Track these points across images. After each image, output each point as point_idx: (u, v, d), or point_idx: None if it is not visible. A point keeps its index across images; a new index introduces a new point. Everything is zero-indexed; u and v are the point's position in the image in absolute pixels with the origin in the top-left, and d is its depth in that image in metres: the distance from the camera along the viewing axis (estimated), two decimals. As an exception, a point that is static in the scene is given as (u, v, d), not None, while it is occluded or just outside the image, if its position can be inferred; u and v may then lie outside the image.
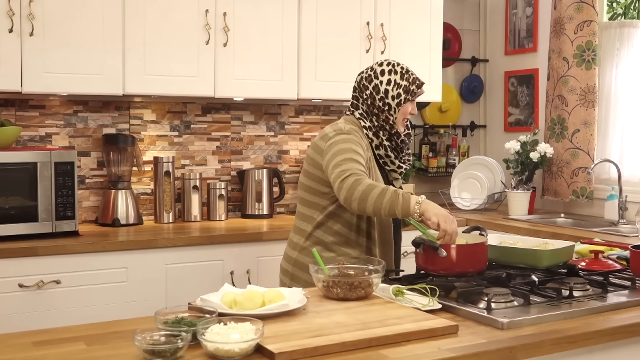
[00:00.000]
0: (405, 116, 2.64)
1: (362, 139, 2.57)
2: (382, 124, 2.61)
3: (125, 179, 3.73)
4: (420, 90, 2.65)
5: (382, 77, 2.62)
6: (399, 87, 2.61)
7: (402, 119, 2.63)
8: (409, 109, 2.64)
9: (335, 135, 2.53)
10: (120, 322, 1.90)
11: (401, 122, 2.63)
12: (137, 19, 3.46)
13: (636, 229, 3.46)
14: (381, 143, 2.62)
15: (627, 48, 4.10)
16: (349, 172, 2.38)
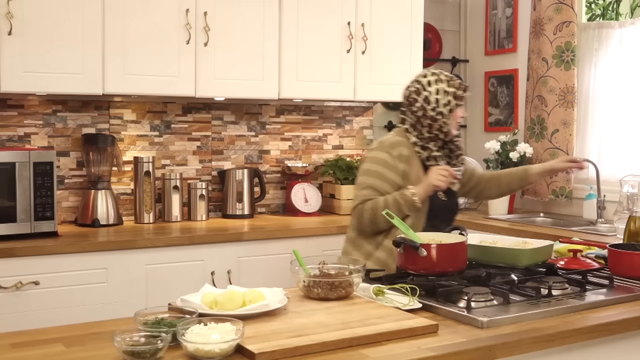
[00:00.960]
0: (457, 120, 2.79)
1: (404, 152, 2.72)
2: (436, 133, 2.75)
3: (105, 179, 3.71)
4: (466, 94, 2.81)
5: (429, 88, 2.76)
6: (447, 94, 2.76)
7: (455, 124, 2.78)
8: (460, 113, 2.80)
9: (374, 150, 2.78)
10: (100, 323, 1.89)
11: (454, 126, 2.78)
12: (117, 18, 3.44)
13: (614, 228, 3.49)
14: (430, 154, 2.76)
15: (605, 49, 4.14)
16: (356, 203, 2.70)
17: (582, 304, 2.05)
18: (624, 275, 2.37)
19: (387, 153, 2.72)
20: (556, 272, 2.31)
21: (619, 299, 2.12)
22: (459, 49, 5.03)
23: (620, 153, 4.06)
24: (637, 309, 2.05)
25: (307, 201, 4.17)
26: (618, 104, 4.07)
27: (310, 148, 4.43)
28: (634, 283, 2.31)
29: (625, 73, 4.02)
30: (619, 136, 4.07)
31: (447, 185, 2.69)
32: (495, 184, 3.10)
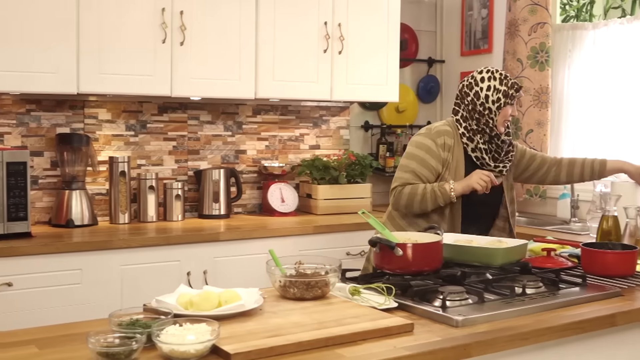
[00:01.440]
0: (506, 118, 2.86)
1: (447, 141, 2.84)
2: (483, 127, 2.85)
3: (79, 179, 3.68)
4: (518, 94, 2.88)
5: (482, 84, 2.86)
6: (498, 92, 2.84)
7: (502, 121, 2.85)
8: (509, 112, 2.86)
9: (419, 135, 2.91)
10: (74, 325, 1.87)
11: (502, 124, 2.85)
12: (92, 17, 3.42)
13: (587, 227, 3.53)
14: (477, 146, 2.86)
15: (579, 50, 4.18)
16: (395, 184, 2.86)
17: (555, 303, 2.07)
18: (597, 273, 2.40)
19: (432, 140, 2.85)
20: (530, 271, 2.33)
21: (592, 297, 2.14)
22: (435, 49, 5.05)
23: (593, 153, 4.10)
24: (609, 307, 2.07)
25: (284, 201, 4.17)
26: (591, 105, 4.11)
27: (286, 148, 4.42)
28: (607, 281, 2.34)
29: (598, 74, 4.06)
30: (592, 136, 4.11)
31: (485, 190, 2.78)
32: (566, 171, 3.08)
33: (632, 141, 3.90)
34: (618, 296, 2.19)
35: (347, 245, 3.84)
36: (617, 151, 3.94)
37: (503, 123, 2.85)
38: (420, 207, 2.79)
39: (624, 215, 2.74)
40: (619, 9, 4.50)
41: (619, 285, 2.31)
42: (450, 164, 2.85)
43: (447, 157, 2.85)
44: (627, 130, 3.92)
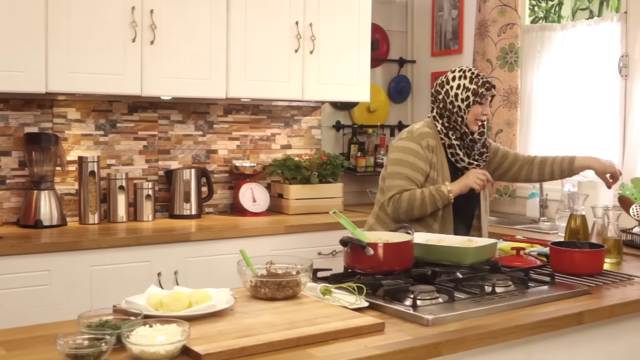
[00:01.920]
0: (477, 117, 2.88)
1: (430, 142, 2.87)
2: (454, 125, 2.89)
3: (48, 179, 3.64)
4: (489, 92, 2.88)
5: (452, 82, 2.91)
6: (467, 90, 2.87)
7: (473, 120, 2.87)
8: (479, 111, 2.87)
9: (402, 140, 2.91)
10: (43, 326, 1.85)
11: (473, 122, 2.87)
12: (61, 15, 3.38)
13: (556, 226, 3.57)
14: (451, 143, 2.90)
15: (547, 50, 4.23)
16: (392, 192, 2.84)
17: (524, 301, 2.09)
18: (565, 272, 2.43)
19: (417, 143, 2.87)
20: (500, 270, 2.35)
21: (560, 296, 2.17)
22: (406, 49, 5.08)
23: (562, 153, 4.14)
24: (577, 305, 2.10)
25: (255, 201, 4.16)
26: (560, 105, 4.16)
27: (258, 148, 4.42)
28: (575, 280, 2.37)
29: (566, 74, 4.11)
30: (561, 136, 4.16)
31: (482, 189, 2.87)
32: (537, 170, 3.12)
33: (598, 140, 3.95)
34: (586, 294, 2.22)
35: (319, 245, 3.84)
36: (585, 150, 4.00)
37: (474, 122, 2.88)
38: (420, 211, 2.81)
39: (592, 214, 2.78)
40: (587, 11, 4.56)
41: (586, 283, 2.34)
42: (435, 165, 2.88)
43: (432, 158, 2.87)
44: (594, 129, 3.97)
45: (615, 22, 3.86)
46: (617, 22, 3.85)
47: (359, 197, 4.78)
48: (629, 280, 2.44)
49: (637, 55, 3.72)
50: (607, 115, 3.91)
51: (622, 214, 2.70)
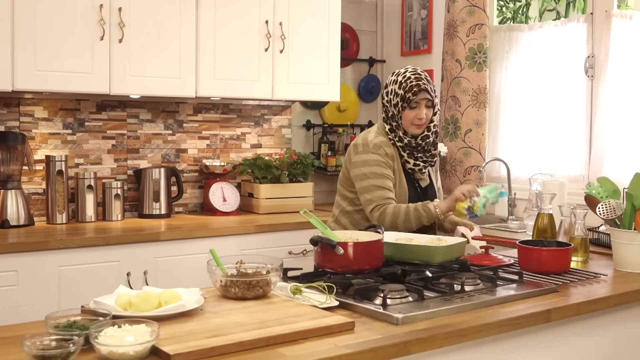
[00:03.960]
0: (412, 122, 2.84)
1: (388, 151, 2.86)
2: (396, 128, 2.88)
3: (15, 179, 3.59)
4: (417, 97, 2.82)
5: (388, 87, 2.91)
6: (397, 96, 2.85)
7: (409, 124, 2.85)
8: (412, 115, 2.84)
9: (362, 152, 2.87)
10: (9, 327, 1.83)
11: (411, 127, 2.85)
12: (27, 12, 3.34)
13: (524, 225, 3.61)
14: (396, 143, 2.89)
15: (515, 51, 4.27)
16: (374, 205, 2.81)
17: (493, 299, 2.11)
18: (533, 270, 2.46)
19: (376, 154, 2.85)
20: (469, 269, 2.37)
21: (528, 294, 2.19)
22: (376, 49, 5.09)
23: (530, 152, 4.20)
24: (545, 303, 2.12)
25: (226, 200, 4.15)
26: (527, 105, 4.21)
27: (228, 147, 4.40)
28: (542, 278, 2.40)
29: (533, 75, 4.16)
30: (528, 136, 4.21)
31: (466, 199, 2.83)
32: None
33: (565, 140, 4.00)
34: (553, 292, 2.25)
35: (289, 244, 3.84)
36: (553, 150, 4.05)
37: (412, 126, 2.85)
38: (405, 226, 2.77)
39: (559, 213, 2.81)
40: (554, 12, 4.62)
41: (554, 281, 2.36)
42: (395, 171, 2.88)
43: (393, 165, 2.88)
44: (561, 129, 4.02)
45: (581, 23, 3.91)
46: (584, 23, 3.90)
47: (330, 197, 4.78)
48: (595, 278, 2.47)
49: (603, 56, 3.77)
50: (574, 115, 3.96)
51: (589, 212, 2.74)
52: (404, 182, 2.91)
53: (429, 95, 2.84)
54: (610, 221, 2.63)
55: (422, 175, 2.98)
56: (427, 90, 2.84)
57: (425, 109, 2.85)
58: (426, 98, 2.84)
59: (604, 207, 2.63)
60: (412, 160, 2.90)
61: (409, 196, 2.91)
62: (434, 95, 2.88)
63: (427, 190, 3.00)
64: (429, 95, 2.84)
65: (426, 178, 3.00)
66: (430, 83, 2.88)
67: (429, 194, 3.00)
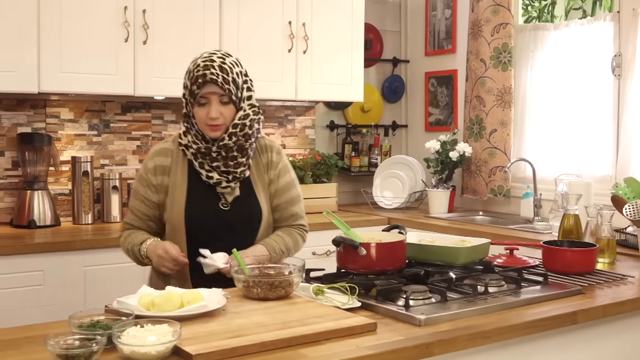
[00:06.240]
0: (204, 122, 2.26)
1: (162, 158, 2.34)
2: (188, 130, 2.34)
3: (41, 180, 3.63)
4: (202, 91, 2.24)
5: (184, 78, 2.34)
6: (185, 88, 2.30)
7: (203, 125, 2.27)
8: (203, 114, 2.25)
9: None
10: (34, 327, 1.84)
11: (206, 128, 2.28)
12: (53, 15, 3.37)
13: (550, 226, 3.57)
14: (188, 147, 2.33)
15: (541, 50, 4.23)
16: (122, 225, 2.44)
17: (517, 301, 2.09)
18: (557, 271, 2.43)
19: (144, 166, 2.43)
20: (493, 270, 2.35)
21: (553, 295, 2.17)
22: (400, 49, 5.08)
23: (556, 152, 4.15)
24: (570, 305, 2.09)
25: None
26: (553, 105, 4.16)
27: (252, 147, 4.40)
28: (568, 279, 2.37)
29: (559, 74, 4.12)
30: (554, 136, 4.16)
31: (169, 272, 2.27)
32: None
33: (592, 140, 3.96)
34: (579, 294, 2.22)
35: (313, 245, 3.83)
36: (579, 150, 4.00)
37: (207, 128, 2.27)
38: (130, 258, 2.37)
39: (585, 214, 2.78)
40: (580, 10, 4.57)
41: (579, 283, 2.33)
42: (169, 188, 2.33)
43: (161, 180, 2.33)
44: (588, 129, 3.98)
45: (608, 22, 3.87)
46: (610, 21, 3.85)
47: (353, 197, 4.78)
48: (622, 279, 2.44)
49: (630, 54, 3.72)
50: (601, 114, 3.91)
51: (616, 213, 2.70)
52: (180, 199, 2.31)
53: (220, 89, 2.23)
54: (638, 222, 2.59)
55: (224, 189, 2.34)
56: (217, 82, 2.22)
57: (221, 106, 2.25)
58: (216, 93, 2.24)
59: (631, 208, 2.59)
60: (204, 172, 2.31)
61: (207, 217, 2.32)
62: (234, 88, 2.27)
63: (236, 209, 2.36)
64: (219, 89, 2.23)
65: (234, 191, 2.36)
66: (229, 72, 2.26)
67: (239, 211, 2.36)
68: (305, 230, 2.55)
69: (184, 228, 2.32)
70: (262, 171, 2.44)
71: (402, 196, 4.46)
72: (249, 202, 2.38)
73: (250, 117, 2.33)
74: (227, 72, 2.25)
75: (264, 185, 2.43)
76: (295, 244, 2.48)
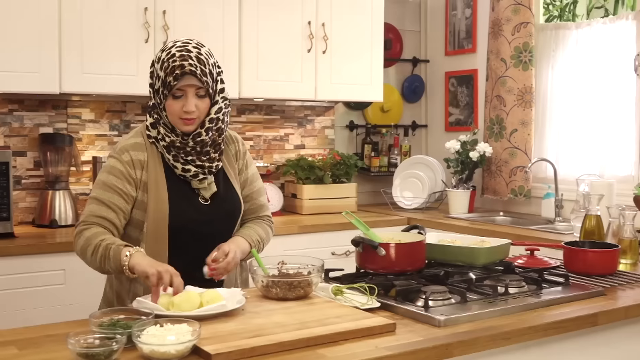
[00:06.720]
0: (178, 116, 2.13)
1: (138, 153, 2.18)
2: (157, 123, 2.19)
3: (63, 179, 3.66)
4: (179, 83, 2.10)
5: (154, 66, 2.17)
6: (158, 79, 2.13)
7: (176, 119, 2.14)
8: (176, 107, 2.12)
9: (108, 157, 2.22)
10: (55, 326, 1.86)
11: (178, 122, 2.14)
12: (74, 16, 3.39)
13: (571, 226, 3.54)
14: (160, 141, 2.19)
15: (562, 49, 4.19)
16: (79, 220, 2.17)
17: (538, 302, 2.08)
18: (579, 272, 2.41)
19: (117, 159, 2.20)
20: (513, 271, 2.33)
21: (574, 297, 2.15)
22: (420, 49, 5.06)
23: (577, 152, 4.12)
24: (592, 306, 2.08)
25: (269, 201, 4.14)
26: (575, 104, 4.13)
27: (271, 148, 4.42)
28: (589, 280, 2.35)
29: (581, 73, 4.08)
30: (576, 136, 4.13)
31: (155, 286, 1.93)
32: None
33: (614, 140, 3.92)
34: (600, 295, 2.20)
35: (333, 245, 3.84)
36: (601, 150, 3.97)
37: (179, 122, 2.13)
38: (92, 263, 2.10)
39: (607, 214, 2.75)
40: (602, 9, 4.53)
41: (601, 284, 2.31)
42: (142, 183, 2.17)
43: (137, 175, 2.16)
44: (610, 129, 3.94)
45: (630, 21, 3.83)
46: (633, 20, 3.81)
47: (373, 197, 4.77)
48: (645, 281, 2.42)
49: (653, 53, 3.68)
50: (623, 114, 3.88)
51: (638, 214, 2.68)
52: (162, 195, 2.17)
53: (198, 81, 2.11)
54: (660, 223, 2.57)
55: (200, 184, 2.22)
56: (195, 74, 2.10)
57: (197, 99, 2.13)
58: (194, 85, 2.11)
59: (654, 209, 2.56)
60: (180, 165, 2.18)
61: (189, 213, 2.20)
62: (211, 81, 2.15)
63: (216, 203, 2.25)
64: (197, 81, 2.11)
65: (211, 187, 2.25)
66: (203, 64, 2.13)
67: (221, 206, 2.26)
68: (272, 222, 2.48)
69: (167, 226, 2.16)
70: (232, 162, 2.36)
71: (422, 196, 4.44)
72: (228, 194, 2.29)
73: (222, 111, 2.22)
74: (204, 63, 2.14)
75: (236, 176, 2.35)
76: (267, 235, 2.41)
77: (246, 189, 2.39)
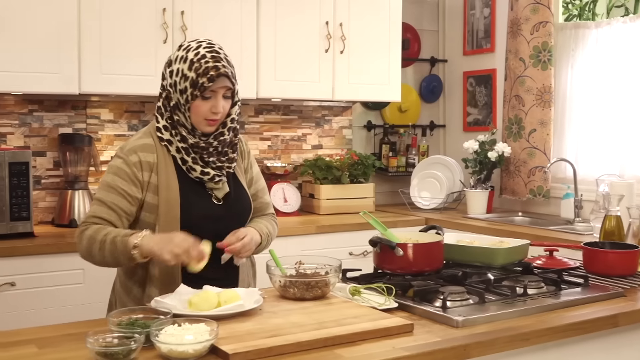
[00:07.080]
0: (204, 117, 2.14)
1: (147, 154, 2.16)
2: (177, 122, 2.17)
3: (82, 179, 3.69)
4: (214, 85, 2.11)
5: (172, 66, 2.16)
6: (186, 79, 2.11)
7: (201, 120, 2.14)
8: (205, 108, 2.12)
9: (115, 157, 2.20)
10: (74, 324, 1.88)
11: (202, 123, 2.15)
12: (93, 17, 3.42)
13: (591, 227, 3.51)
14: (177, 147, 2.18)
15: (581, 49, 4.16)
16: (81, 222, 2.17)
17: (557, 303, 2.06)
18: (598, 272, 2.39)
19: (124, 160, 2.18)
20: (532, 271, 2.32)
21: (594, 298, 2.13)
22: (438, 48, 5.04)
23: (597, 152, 4.09)
24: (612, 308, 2.06)
25: (287, 201, 4.16)
26: (594, 104, 4.10)
27: (289, 148, 4.42)
28: (609, 281, 2.33)
29: (601, 73, 4.05)
30: (595, 136, 4.10)
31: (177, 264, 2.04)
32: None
33: (634, 140, 3.89)
34: (620, 297, 2.18)
35: (350, 245, 3.83)
36: (621, 150, 3.94)
37: (204, 122, 2.14)
38: (100, 259, 2.10)
39: (627, 215, 2.73)
40: (622, 8, 4.49)
41: (621, 285, 2.29)
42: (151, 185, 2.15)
43: (148, 178, 2.15)
44: (630, 129, 3.91)
45: (651, 20, 3.79)
46: (654, 19, 3.78)
47: (391, 198, 4.76)
48: (665, 282, 2.39)
49: (674, 52, 3.65)
50: (643, 114, 3.84)
51: (659, 214, 2.65)
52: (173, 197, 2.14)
53: (230, 82, 2.14)
54: (681, 223, 2.54)
55: (216, 184, 2.22)
56: (228, 75, 2.13)
57: (223, 100, 2.15)
58: (225, 86, 2.14)
59: (675, 209, 2.54)
60: (199, 167, 2.18)
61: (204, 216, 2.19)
62: (235, 81, 2.19)
63: (229, 203, 2.25)
64: (229, 82, 2.14)
65: (224, 187, 2.24)
66: (230, 65, 2.17)
67: (233, 205, 2.26)
68: (276, 219, 2.51)
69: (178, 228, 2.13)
70: (239, 161, 2.36)
71: (440, 196, 4.43)
72: (239, 194, 2.29)
73: (238, 112, 2.26)
74: (232, 65, 2.19)
75: (243, 175, 2.36)
76: (274, 231, 2.44)
77: (252, 187, 2.41)
